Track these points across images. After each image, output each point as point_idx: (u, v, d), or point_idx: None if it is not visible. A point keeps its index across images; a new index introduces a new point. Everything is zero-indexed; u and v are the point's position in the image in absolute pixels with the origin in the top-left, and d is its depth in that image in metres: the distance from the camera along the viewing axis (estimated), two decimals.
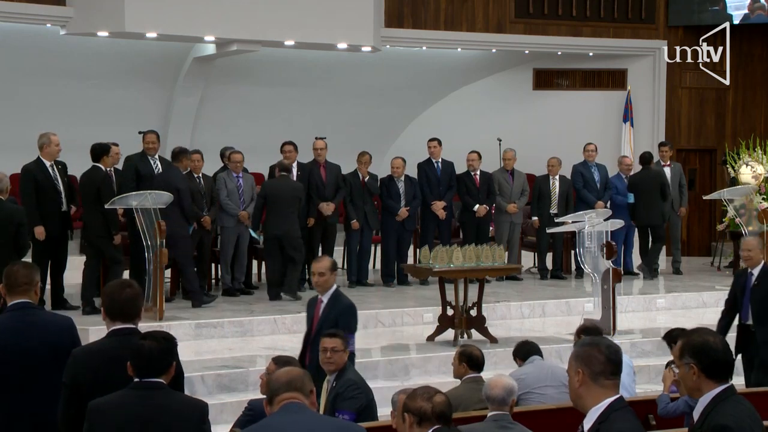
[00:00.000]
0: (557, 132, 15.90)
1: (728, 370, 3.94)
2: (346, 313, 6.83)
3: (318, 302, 6.92)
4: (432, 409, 4.03)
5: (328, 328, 6.42)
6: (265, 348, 9.50)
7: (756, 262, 8.14)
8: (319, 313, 6.90)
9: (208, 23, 13.15)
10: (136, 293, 4.76)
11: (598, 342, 3.85)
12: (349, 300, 6.97)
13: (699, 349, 3.89)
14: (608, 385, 3.72)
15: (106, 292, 4.81)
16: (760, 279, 8.08)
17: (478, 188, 12.90)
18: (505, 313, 11.21)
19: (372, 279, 12.71)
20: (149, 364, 4.23)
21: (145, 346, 4.25)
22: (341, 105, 15.67)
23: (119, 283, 4.86)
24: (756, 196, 13.14)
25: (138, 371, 4.24)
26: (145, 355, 4.23)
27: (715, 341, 3.93)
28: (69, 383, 4.58)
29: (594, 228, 10.51)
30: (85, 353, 4.71)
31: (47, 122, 12.64)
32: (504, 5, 15.65)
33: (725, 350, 3.94)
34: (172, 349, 4.34)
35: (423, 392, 4.11)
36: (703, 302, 12.14)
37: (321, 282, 6.88)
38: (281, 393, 3.86)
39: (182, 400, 4.38)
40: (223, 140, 13.05)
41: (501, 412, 5.41)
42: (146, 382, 4.22)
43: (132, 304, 4.70)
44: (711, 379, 3.87)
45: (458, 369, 6.54)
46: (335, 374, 6.15)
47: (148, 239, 9.77)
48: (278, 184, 11.48)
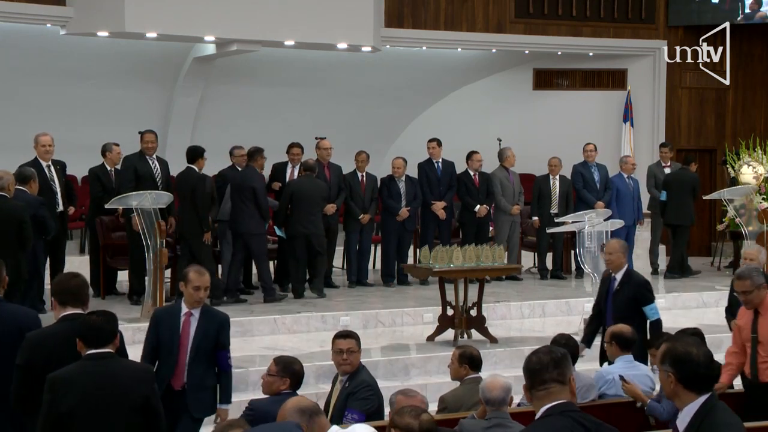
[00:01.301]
0: (557, 132, 15.90)
1: (708, 383, 3.87)
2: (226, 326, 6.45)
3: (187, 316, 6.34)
4: (419, 427, 4.00)
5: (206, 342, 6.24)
6: (265, 348, 9.50)
7: (618, 266, 7.81)
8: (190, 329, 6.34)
9: (208, 23, 13.15)
10: (84, 282, 5.44)
11: (533, 352, 3.84)
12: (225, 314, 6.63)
13: (680, 360, 3.84)
14: (541, 396, 3.72)
15: (56, 282, 5.50)
16: (622, 284, 7.78)
17: (478, 188, 12.91)
18: (505, 313, 11.21)
19: (372, 279, 12.72)
20: (98, 336, 4.80)
21: (93, 320, 4.86)
22: (341, 105, 15.67)
23: (67, 274, 5.58)
24: (756, 196, 13.14)
25: (88, 343, 4.79)
26: (95, 328, 4.81)
27: (698, 354, 3.86)
28: (23, 365, 5.10)
29: (594, 228, 10.52)
30: (39, 336, 5.26)
31: (47, 122, 12.64)
32: (504, 5, 15.66)
33: (707, 363, 3.87)
34: (115, 321, 4.93)
35: (411, 410, 4.09)
36: (703, 302, 12.14)
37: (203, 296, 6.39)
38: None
39: (133, 365, 5.08)
40: (223, 140, 13.04)
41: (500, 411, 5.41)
42: (98, 353, 4.78)
43: (80, 292, 5.36)
44: (689, 390, 3.82)
45: (458, 371, 6.52)
46: (348, 375, 6.14)
47: (148, 239, 9.77)
48: (303, 183, 11.57)
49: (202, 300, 6.29)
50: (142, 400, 4.79)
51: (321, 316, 10.46)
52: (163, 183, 10.90)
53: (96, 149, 11.57)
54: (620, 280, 7.79)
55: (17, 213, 8.89)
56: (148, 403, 4.82)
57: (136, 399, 4.77)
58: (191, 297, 6.26)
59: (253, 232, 11.08)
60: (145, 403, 4.79)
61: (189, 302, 6.29)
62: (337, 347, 6.17)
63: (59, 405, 4.64)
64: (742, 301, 6.46)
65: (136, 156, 11.04)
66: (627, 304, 7.67)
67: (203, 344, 6.24)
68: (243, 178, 11.26)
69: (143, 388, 4.82)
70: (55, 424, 4.67)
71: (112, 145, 11.44)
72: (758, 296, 6.34)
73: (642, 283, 7.81)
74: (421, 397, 4.44)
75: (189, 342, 6.25)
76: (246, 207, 11.04)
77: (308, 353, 8.99)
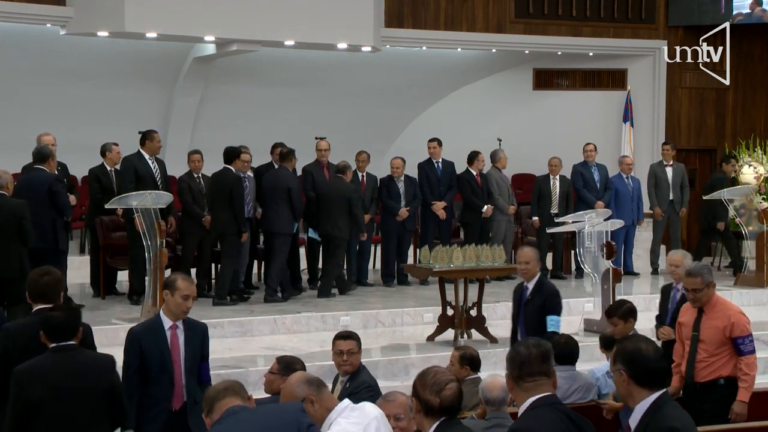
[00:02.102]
0: (557, 132, 15.90)
1: (660, 378, 3.90)
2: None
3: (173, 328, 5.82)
4: (440, 404, 3.94)
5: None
6: (265, 348, 9.50)
7: (532, 275, 7.58)
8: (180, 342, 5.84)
9: (208, 23, 13.14)
10: (54, 279, 5.66)
11: (520, 344, 3.89)
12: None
13: (630, 357, 3.87)
14: (529, 387, 3.78)
15: (28, 279, 5.76)
16: (533, 293, 7.57)
17: (481, 188, 12.92)
18: (505, 313, 11.11)
19: (372, 279, 12.72)
20: (60, 330, 5.05)
21: (54, 316, 5.08)
22: (341, 105, 15.67)
23: (39, 271, 5.73)
24: (756, 196, 13.14)
25: (51, 337, 5.05)
26: (55, 323, 5.05)
27: (647, 348, 3.90)
28: (2, 354, 5.41)
29: (594, 228, 10.52)
30: (16, 327, 5.60)
31: (47, 122, 12.63)
32: (504, 5, 15.65)
33: (657, 358, 3.91)
34: (76, 317, 5.20)
35: (433, 383, 3.97)
36: None
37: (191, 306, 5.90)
38: (220, 399, 3.99)
39: (95, 356, 5.28)
40: (223, 140, 13.03)
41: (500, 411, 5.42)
42: (62, 346, 5.04)
43: (51, 289, 5.62)
44: (642, 386, 3.83)
45: (459, 372, 6.52)
46: (349, 375, 6.14)
47: (148, 239, 9.77)
48: (332, 185, 11.73)
49: (188, 310, 5.78)
50: (106, 387, 5.08)
51: (321, 316, 10.46)
52: (162, 183, 10.90)
53: (96, 149, 11.57)
54: (532, 289, 7.58)
55: (17, 210, 8.97)
56: (113, 390, 5.12)
57: (100, 387, 5.05)
58: (178, 307, 5.69)
59: (282, 231, 11.22)
60: (109, 390, 5.09)
61: (175, 313, 5.71)
62: (337, 348, 6.16)
63: (28, 396, 4.90)
64: (690, 299, 6.42)
65: (135, 156, 11.04)
66: (538, 314, 7.47)
67: (195, 357, 5.79)
68: (277, 178, 11.36)
69: (107, 376, 5.11)
70: (24, 414, 4.91)
71: (112, 145, 11.44)
72: (706, 295, 6.34)
73: (553, 292, 7.59)
74: (403, 399, 4.41)
75: (181, 357, 5.72)
76: (278, 206, 11.20)
77: (308, 353, 8.98)
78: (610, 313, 6.98)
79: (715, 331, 6.25)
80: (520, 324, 7.61)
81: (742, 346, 6.23)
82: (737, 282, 12.76)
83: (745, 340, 6.24)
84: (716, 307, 6.37)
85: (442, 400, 3.93)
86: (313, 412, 4.21)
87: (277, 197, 11.24)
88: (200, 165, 11.48)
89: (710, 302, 6.36)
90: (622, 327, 6.88)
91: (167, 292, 5.74)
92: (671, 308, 7.59)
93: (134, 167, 10.90)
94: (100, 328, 9.53)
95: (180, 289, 5.67)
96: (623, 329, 6.86)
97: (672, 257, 7.87)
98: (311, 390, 4.27)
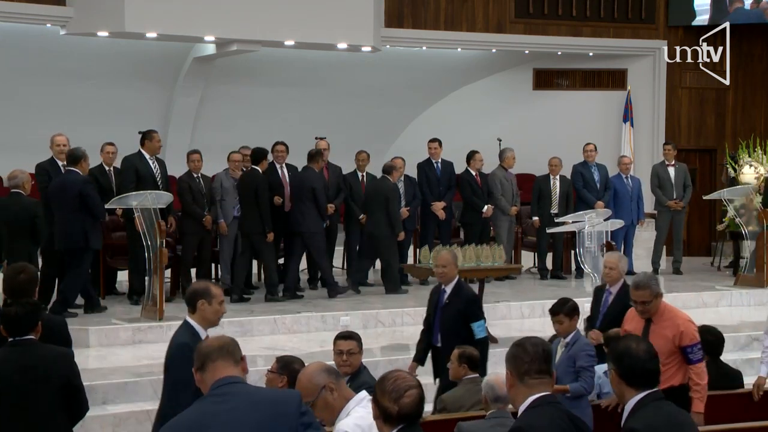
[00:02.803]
0: (557, 132, 15.90)
1: (649, 378, 3.89)
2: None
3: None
4: (398, 412, 3.82)
5: None
6: (265, 348, 9.49)
7: (449, 279, 7.36)
8: None
9: (208, 23, 13.15)
10: (30, 277, 5.81)
11: (524, 341, 3.83)
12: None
13: (619, 355, 3.88)
14: (533, 384, 3.73)
15: (5, 275, 5.93)
16: (451, 297, 7.34)
17: (481, 188, 12.92)
18: (505, 313, 11.20)
19: (372, 279, 12.71)
20: (16, 325, 5.12)
21: (11, 311, 5.16)
22: (341, 105, 15.67)
23: (14, 269, 5.88)
24: (756, 196, 13.13)
25: (9, 332, 5.13)
26: (11, 318, 5.13)
27: (638, 348, 3.90)
28: None
29: (594, 228, 10.52)
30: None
31: (47, 122, 12.66)
32: (504, 5, 15.66)
33: (647, 358, 3.90)
34: (36, 311, 5.24)
35: (392, 389, 3.83)
36: (703, 302, 12.12)
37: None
38: (213, 360, 3.86)
39: (53, 349, 5.24)
40: (223, 140, 13.06)
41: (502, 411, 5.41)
42: (20, 340, 5.12)
43: (26, 286, 5.73)
44: (631, 386, 3.84)
45: (458, 371, 6.52)
46: (349, 376, 6.12)
47: (148, 239, 9.77)
48: (374, 185, 12.09)
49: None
50: (63, 381, 5.12)
51: (321, 316, 10.45)
52: (163, 183, 10.90)
53: (96, 149, 11.56)
54: (450, 293, 7.37)
55: (30, 208, 9.25)
56: (70, 383, 5.17)
57: (57, 381, 5.10)
58: (216, 314, 5.53)
59: (311, 230, 11.41)
60: (66, 384, 5.14)
61: (212, 321, 5.53)
62: (337, 348, 6.15)
63: None
64: (638, 311, 6.26)
65: (136, 156, 11.04)
66: (455, 319, 7.28)
67: None
68: (302, 178, 11.52)
69: (64, 370, 5.15)
70: None
71: (105, 145, 11.43)
72: (655, 306, 6.20)
73: (471, 298, 7.43)
74: None
75: None
76: (305, 206, 11.37)
77: (308, 353, 8.97)
78: (556, 311, 6.87)
79: (665, 341, 6.05)
80: (436, 327, 7.39)
81: (691, 354, 6.10)
82: (737, 282, 12.76)
83: (693, 348, 6.11)
84: (664, 315, 6.23)
85: (400, 407, 3.80)
86: (332, 401, 4.20)
87: (303, 197, 11.42)
88: (200, 165, 11.47)
89: (658, 311, 6.23)
90: (567, 325, 6.81)
91: (203, 301, 5.46)
92: (602, 311, 7.47)
93: (135, 167, 10.90)
94: (100, 328, 9.58)
95: (216, 296, 5.50)
96: (568, 327, 6.80)
97: (607, 259, 7.63)
98: (331, 378, 4.25)
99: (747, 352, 10.14)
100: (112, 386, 8.19)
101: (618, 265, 7.40)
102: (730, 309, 12.02)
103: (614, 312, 7.29)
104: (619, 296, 7.40)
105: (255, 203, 11.09)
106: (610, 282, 7.48)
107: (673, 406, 3.93)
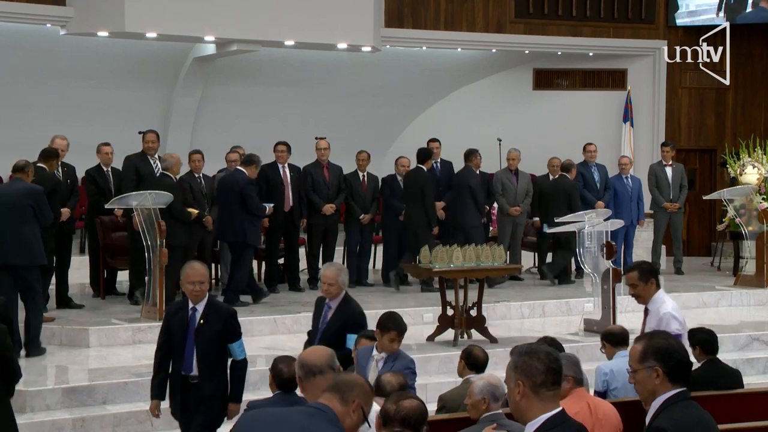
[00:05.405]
0: (557, 132, 15.90)
1: (689, 372, 3.89)
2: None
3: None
4: (395, 412, 3.82)
5: None
6: (265, 348, 9.49)
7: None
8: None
9: (208, 23, 13.15)
10: None
11: (537, 350, 3.61)
12: None
13: (665, 352, 3.82)
14: (548, 397, 3.53)
15: None
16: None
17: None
18: (505, 313, 11.20)
19: (372, 279, 12.71)
20: None
21: None
22: (341, 105, 15.67)
23: None
24: (756, 196, 13.13)
25: None
26: None
27: (676, 344, 3.90)
28: None
29: (594, 228, 10.51)
30: None
31: (47, 122, 12.67)
32: (504, 5, 15.66)
33: (686, 353, 3.94)
34: None
35: (396, 395, 3.87)
36: (703, 302, 12.12)
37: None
38: (323, 390, 3.67)
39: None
40: (223, 140, 13.05)
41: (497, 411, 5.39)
42: None
43: None
44: (672, 382, 3.80)
45: (460, 369, 6.54)
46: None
47: (148, 239, 9.77)
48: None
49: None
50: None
51: None
52: None
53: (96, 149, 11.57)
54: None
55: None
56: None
57: None
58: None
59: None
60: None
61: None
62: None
63: None
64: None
65: (137, 156, 11.04)
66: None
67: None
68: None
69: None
70: None
71: (101, 146, 11.42)
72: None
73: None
74: None
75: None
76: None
77: None
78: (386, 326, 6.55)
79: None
80: (187, 354, 6.38)
81: None
82: (737, 282, 12.76)
83: None
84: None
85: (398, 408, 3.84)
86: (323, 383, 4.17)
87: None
88: (201, 165, 11.47)
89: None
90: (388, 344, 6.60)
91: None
92: (321, 328, 7.05)
93: (135, 167, 10.90)
94: (100, 328, 9.58)
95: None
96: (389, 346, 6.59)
97: (325, 273, 7.05)
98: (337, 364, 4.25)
99: (747, 352, 10.15)
100: (112, 386, 8.19)
101: (337, 280, 6.94)
102: (730, 309, 12.02)
103: (333, 328, 6.93)
104: (339, 310, 7.01)
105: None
106: (329, 297, 7.00)
107: (699, 406, 3.89)
